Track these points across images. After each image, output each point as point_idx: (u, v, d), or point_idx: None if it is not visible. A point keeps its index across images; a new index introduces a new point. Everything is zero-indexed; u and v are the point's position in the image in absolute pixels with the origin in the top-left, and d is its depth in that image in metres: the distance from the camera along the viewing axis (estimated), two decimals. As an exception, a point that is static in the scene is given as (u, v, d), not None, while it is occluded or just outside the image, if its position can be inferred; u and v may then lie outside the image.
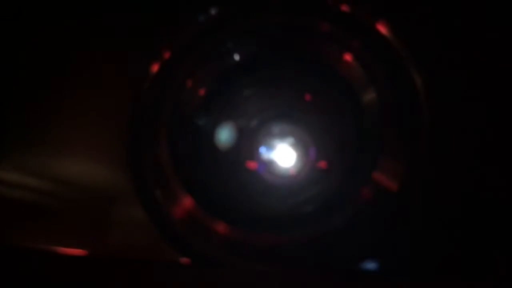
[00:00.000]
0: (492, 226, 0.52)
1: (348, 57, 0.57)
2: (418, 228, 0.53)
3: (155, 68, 0.57)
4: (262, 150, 0.63)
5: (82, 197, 0.58)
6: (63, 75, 0.60)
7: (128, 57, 0.59)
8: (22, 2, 0.61)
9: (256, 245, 0.55)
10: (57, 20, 0.61)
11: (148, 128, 0.57)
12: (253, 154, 0.63)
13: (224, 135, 0.61)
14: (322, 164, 0.62)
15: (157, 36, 0.58)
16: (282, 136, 0.64)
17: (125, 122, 0.57)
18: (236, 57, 0.59)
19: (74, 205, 0.58)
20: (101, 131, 0.59)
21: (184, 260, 0.54)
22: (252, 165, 0.63)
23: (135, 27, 0.59)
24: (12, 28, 0.62)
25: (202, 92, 0.59)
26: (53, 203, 0.59)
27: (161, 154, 0.56)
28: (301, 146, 0.64)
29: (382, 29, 0.55)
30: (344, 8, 0.56)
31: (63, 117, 0.60)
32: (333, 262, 0.54)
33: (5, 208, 0.59)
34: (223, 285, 0.52)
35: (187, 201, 0.56)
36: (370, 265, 0.53)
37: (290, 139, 0.64)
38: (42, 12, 0.61)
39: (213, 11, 0.57)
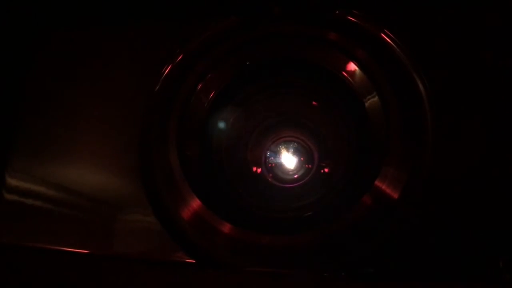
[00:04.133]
0: (493, 233, 0.53)
1: (353, 65, 0.58)
2: (418, 234, 0.53)
3: (165, 73, 0.58)
4: (268, 154, 0.64)
5: (93, 200, 0.58)
6: (73, 82, 0.61)
7: (139, 65, 0.60)
8: (35, 9, 0.61)
9: (260, 247, 0.55)
10: (69, 27, 0.62)
11: (158, 133, 0.57)
12: (259, 159, 0.64)
13: (231, 138, 0.62)
14: (326, 169, 0.63)
15: (169, 43, 0.58)
16: (287, 141, 0.65)
17: (135, 128, 0.57)
18: (246, 63, 0.60)
19: (86, 208, 0.58)
20: (111, 137, 0.59)
21: (191, 261, 0.55)
22: (258, 169, 0.64)
23: (147, 35, 0.60)
24: (24, 35, 0.62)
25: (211, 96, 0.60)
26: (64, 208, 0.58)
27: (170, 158, 0.57)
28: (305, 151, 0.65)
29: (386, 38, 0.56)
30: (351, 18, 0.57)
31: (74, 124, 0.60)
32: (334, 264, 0.54)
33: (17, 214, 0.59)
34: (227, 285, 0.53)
35: (195, 204, 0.56)
36: (370, 269, 0.53)
37: (295, 145, 0.65)
38: (55, 19, 0.61)
39: (224, 19, 0.58)
